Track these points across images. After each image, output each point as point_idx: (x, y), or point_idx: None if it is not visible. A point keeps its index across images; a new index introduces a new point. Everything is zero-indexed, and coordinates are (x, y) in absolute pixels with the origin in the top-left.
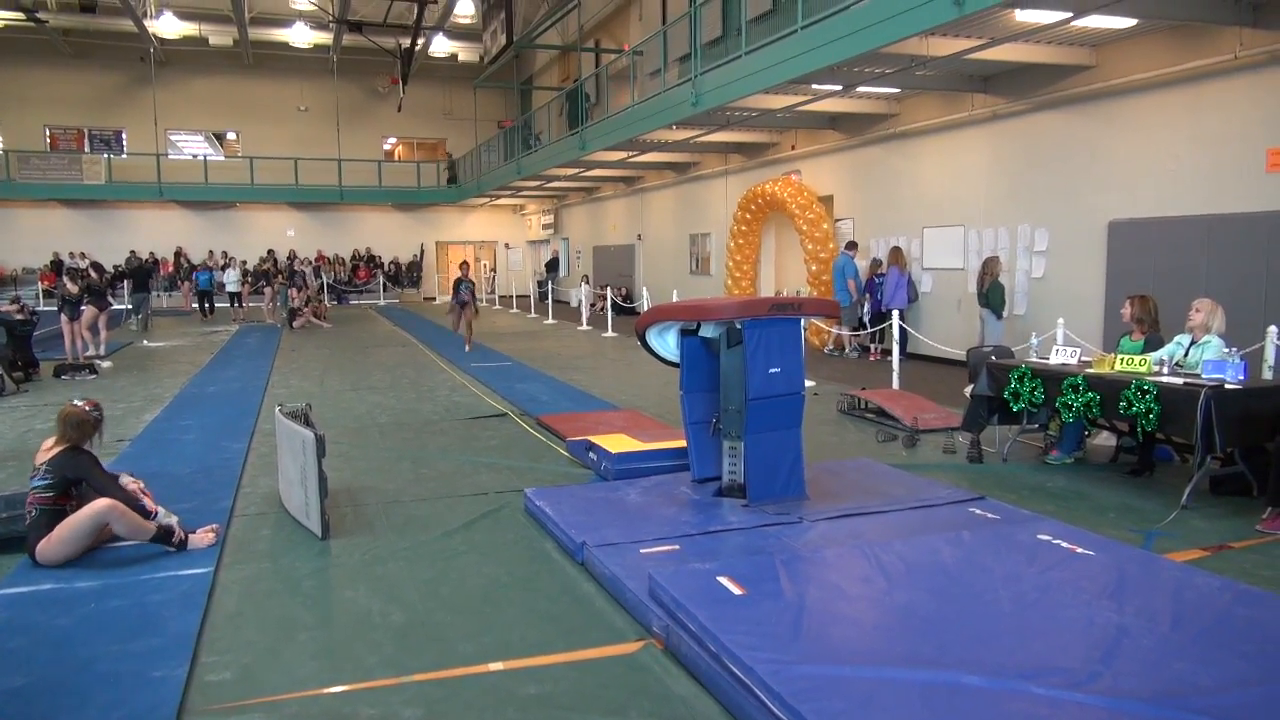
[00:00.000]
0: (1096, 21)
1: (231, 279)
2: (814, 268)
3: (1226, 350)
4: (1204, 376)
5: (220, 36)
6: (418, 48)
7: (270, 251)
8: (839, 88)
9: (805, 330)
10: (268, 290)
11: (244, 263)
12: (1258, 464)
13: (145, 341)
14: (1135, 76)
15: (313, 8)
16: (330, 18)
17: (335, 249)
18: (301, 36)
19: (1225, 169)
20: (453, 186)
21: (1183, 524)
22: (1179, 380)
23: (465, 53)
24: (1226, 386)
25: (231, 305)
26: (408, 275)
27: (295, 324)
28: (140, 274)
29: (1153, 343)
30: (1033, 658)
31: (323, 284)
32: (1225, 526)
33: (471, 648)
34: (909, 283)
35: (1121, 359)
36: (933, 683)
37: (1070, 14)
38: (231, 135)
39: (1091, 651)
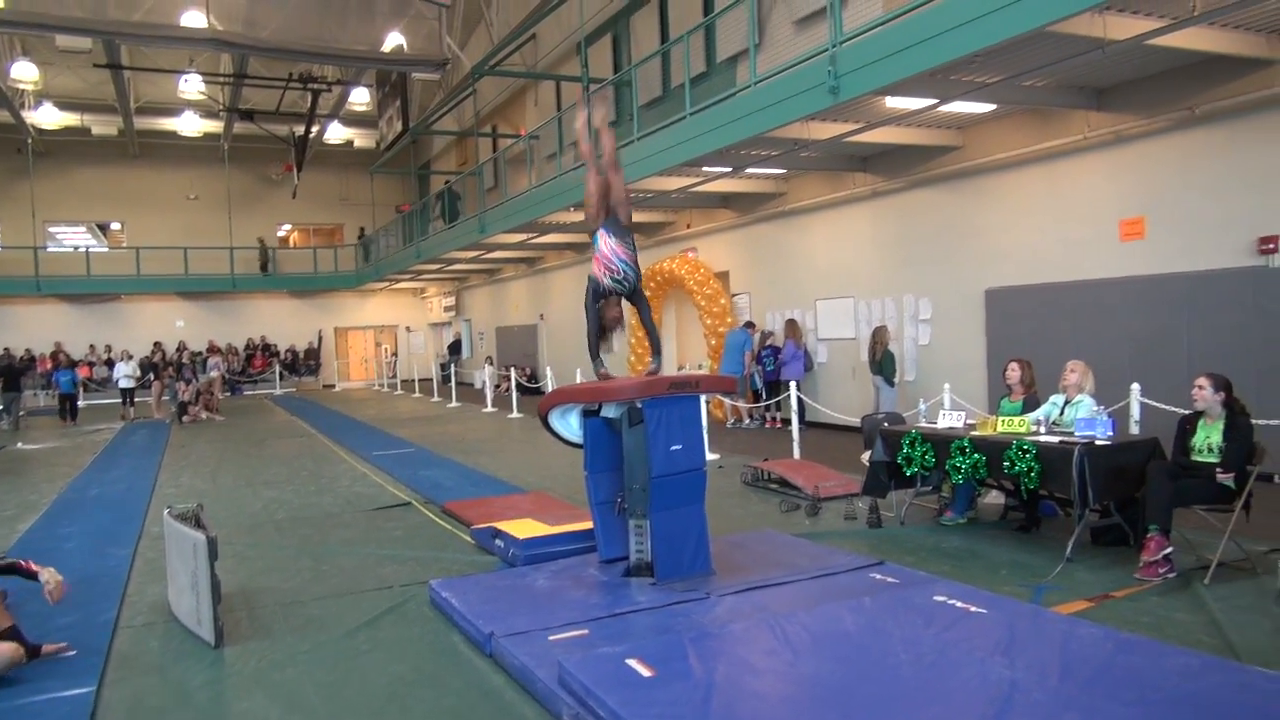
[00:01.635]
0: (960, 107)
1: (123, 374)
2: (713, 342)
3: (1096, 409)
4: (1077, 434)
5: (104, 126)
6: (312, 135)
7: (157, 344)
8: (729, 169)
9: (709, 404)
10: (155, 384)
11: (131, 355)
12: (1131, 514)
13: (19, 444)
14: (998, 155)
15: (202, 97)
16: (221, 106)
17: (228, 338)
18: (190, 125)
19: (1084, 239)
20: (367, 264)
21: (1068, 576)
22: (1055, 439)
23: (361, 139)
24: (1097, 443)
25: (123, 403)
26: (305, 363)
27: (185, 419)
28: (10, 372)
29: (1030, 403)
30: (933, 716)
31: (209, 377)
32: (1106, 576)
33: None
34: (805, 353)
35: (1003, 420)
36: None
37: (935, 101)
38: (116, 226)
39: (986, 709)
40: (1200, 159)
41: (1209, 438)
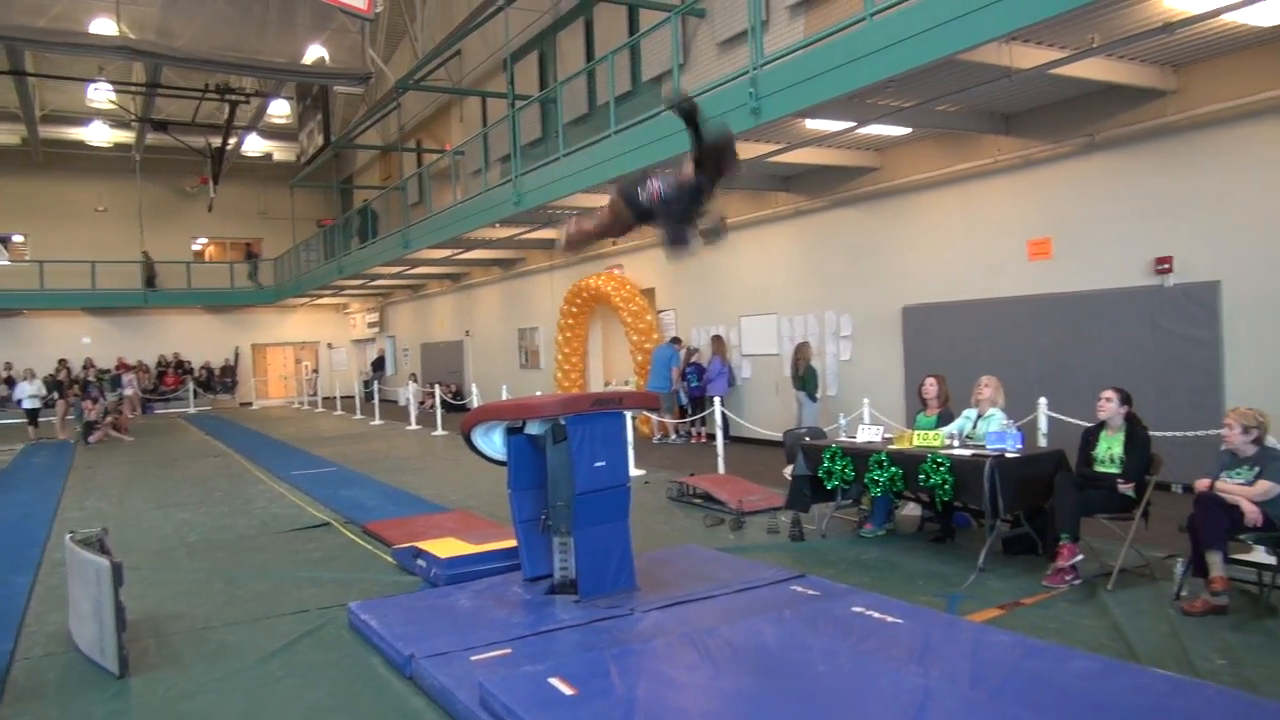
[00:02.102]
0: (877, 130)
1: (27, 393)
2: (639, 358)
3: (1006, 422)
4: (989, 447)
5: (6, 135)
6: (229, 147)
7: (62, 361)
8: None
9: (635, 420)
10: (60, 403)
11: (34, 374)
12: (1039, 524)
13: None
14: (914, 177)
15: (112, 106)
16: (132, 116)
17: (139, 355)
18: (99, 135)
19: (994, 258)
20: (252, 283)
21: (980, 585)
22: (968, 452)
23: (281, 152)
24: (1007, 455)
25: (29, 423)
26: (221, 380)
27: (91, 439)
28: None
29: (944, 417)
30: None
31: (122, 394)
32: (1017, 584)
33: None
34: (729, 369)
35: (918, 434)
36: None
37: (853, 123)
38: (18, 238)
39: (900, 715)
40: (1101, 183)
41: (1110, 448)
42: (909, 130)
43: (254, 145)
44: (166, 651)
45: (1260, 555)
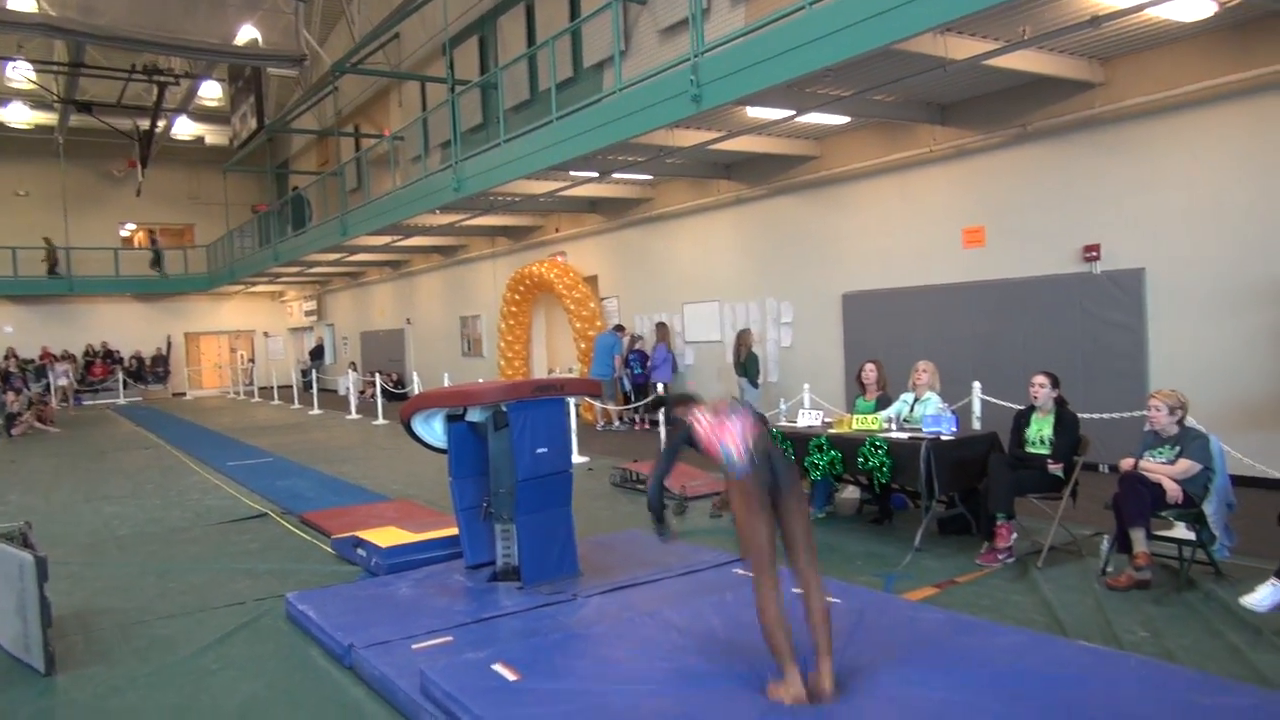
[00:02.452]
0: (816, 119)
1: None
2: (583, 345)
3: (942, 406)
4: (925, 431)
5: None
6: (158, 130)
7: None
8: (596, 174)
9: (578, 407)
10: None
11: None
12: (973, 505)
13: None
14: (853, 165)
15: (32, 86)
16: (54, 97)
17: (65, 345)
18: (19, 116)
19: (931, 246)
20: (157, 273)
21: (916, 565)
22: (905, 435)
23: (213, 135)
24: (943, 438)
25: None
26: (152, 370)
27: (14, 431)
28: None
29: (883, 402)
30: (790, 708)
31: (49, 384)
32: (951, 564)
33: None
34: (672, 356)
35: (857, 419)
36: None
37: (793, 112)
38: None
39: (839, 694)
40: (1032, 173)
41: (1041, 430)
42: (848, 119)
43: (184, 128)
44: (95, 647)
45: (1180, 531)
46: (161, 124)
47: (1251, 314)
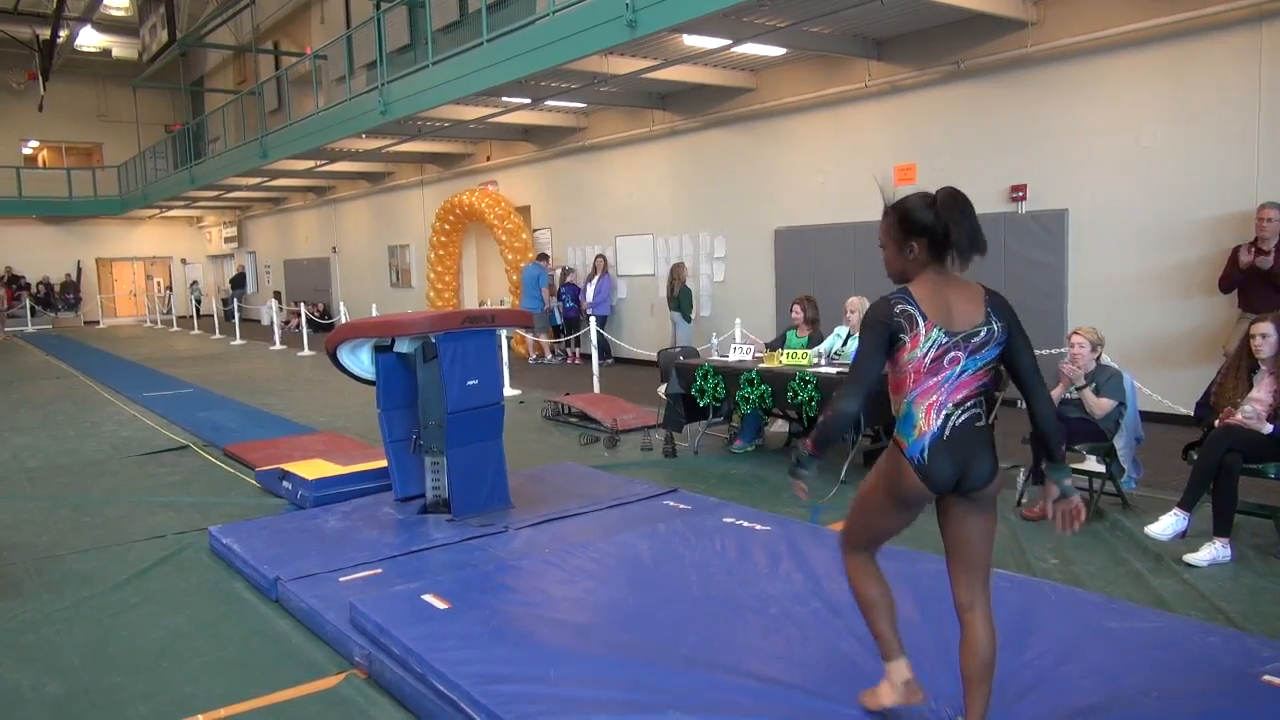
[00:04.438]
0: (753, 49)
1: None
2: (515, 277)
3: None
4: None
5: None
6: (60, 40)
7: None
8: (528, 101)
9: (510, 340)
10: None
11: None
12: None
13: None
14: (788, 99)
15: None
16: None
17: None
18: None
19: (863, 182)
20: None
21: (842, 497)
22: (834, 370)
23: (121, 48)
24: None
25: None
26: (63, 298)
27: None
28: None
29: (815, 339)
30: (721, 631)
31: None
32: None
33: (146, 709)
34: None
35: (787, 353)
36: (634, 677)
37: (729, 41)
38: None
39: (767, 620)
40: (964, 111)
41: None
42: (784, 51)
43: (89, 39)
44: (5, 582)
45: (1091, 464)
46: (64, 33)
47: (1166, 255)
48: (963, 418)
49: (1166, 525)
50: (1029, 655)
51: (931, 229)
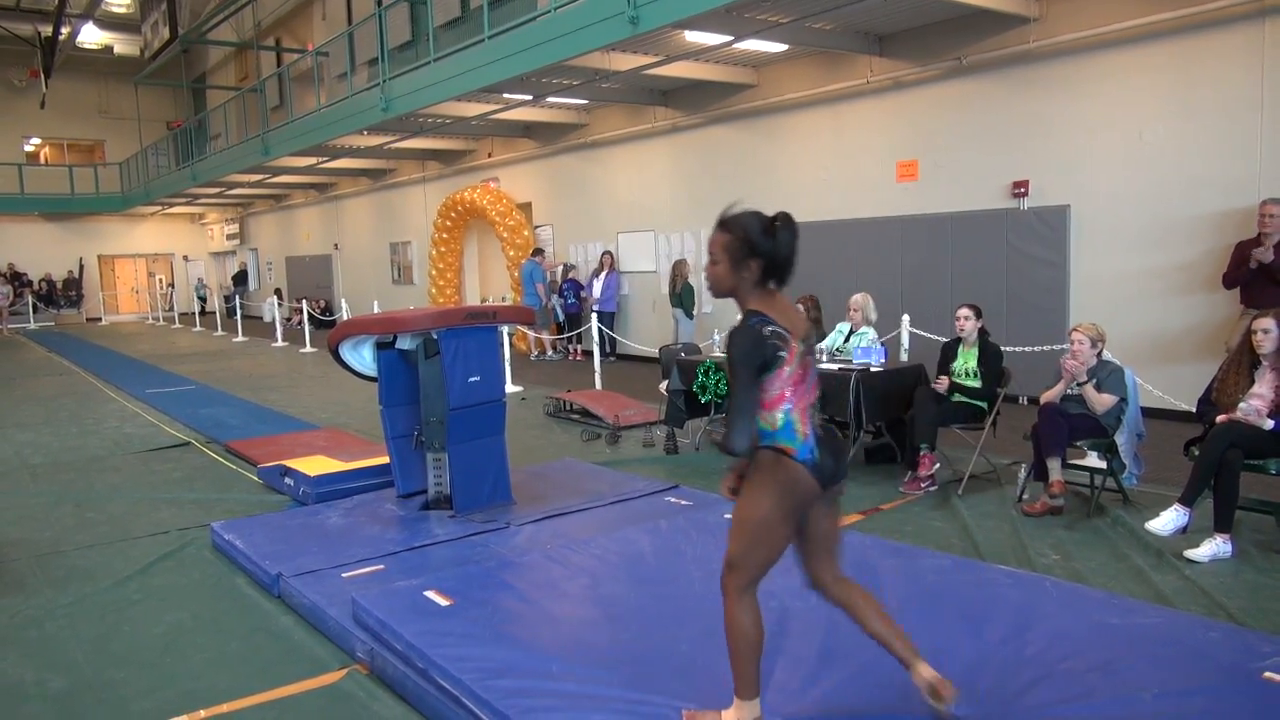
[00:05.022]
0: (754, 45)
1: None
2: (516, 274)
3: (873, 338)
4: (855, 362)
5: None
6: (62, 37)
7: None
8: (529, 97)
9: (511, 336)
10: None
11: None
12: (899, 435)
13: None
14: (790, 95)
15: None
16: None
17: None
18: None
19: (865, 179)
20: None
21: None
22: (835, 366)
23: (123, 45)
24: (872, 370)
25: None
26: (65, 295)
27: None
28: None
29: (817, 335)
30: (721, 631)
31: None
32: (876, 491)
33: (149, 704)
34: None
35: None
36: (634, 672)
37: (731, 37)
38: None
39: (767, 616)
40: (966, 107)
41: (966, 362)
42: (786, 47)
43: (91, 36)
44: (9, 578)
45: (1093, 460)
46: (65, 30)
47: (1168, 252)
48: (819, 418)
49: (1168, 521)
50: (1030, 651)
51: (773, 254)
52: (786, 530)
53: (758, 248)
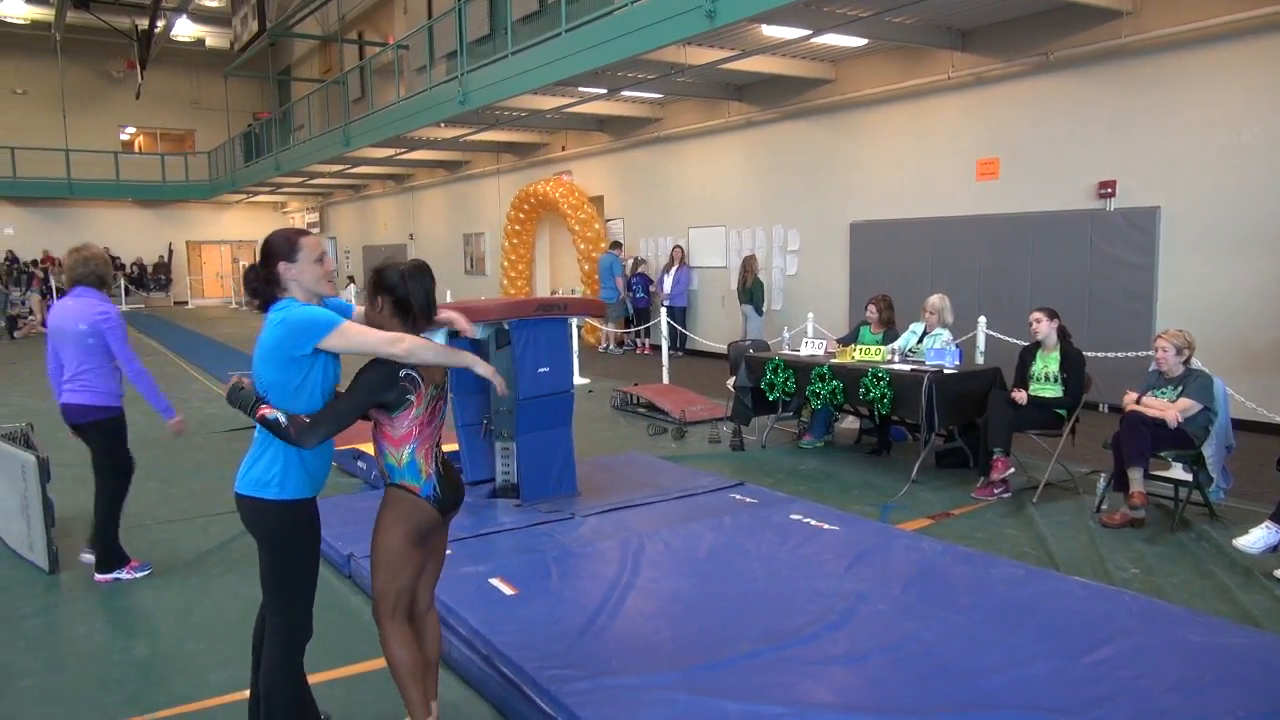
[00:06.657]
0: (833, 39)
1: None
2: (587, 267)
3: (948, 340)
4: (928, 363)
5: None
6: (157, 30)
7: None
8: (604, 91)
9: (580, 329)
10: None
11: None
12: (972, 439)
13: None
14: (867, 91)
15: None
16: None
17: (66, 249)
18: (13, 9)
19: (943, 176)
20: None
21: (913, 496)
22: (907, 367)
23: (214, 38)
24: (945, 372)
25: None
26: (155, 278)
27: (17, 333)
28: None
29: (889, 335)
30: (785, 627)
31: (53, 288)
32: (947, 496)
33: (224, 676)
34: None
35: (860, 349)
36: (696, 667)
37: (809, 31)
38: None
39: (833, 617)
40: (1051, 105)
41: (1047, 366)
42: (865, 42)
43: (184, 29)
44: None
45: (1177, 472)
46: (161, 24)
47: (1263, 257)
48: (443, 456)
49: (1257, 538)
50: (1105, 666)
51: (394, 289)
52: (418, 555)
53: (383, 284)
